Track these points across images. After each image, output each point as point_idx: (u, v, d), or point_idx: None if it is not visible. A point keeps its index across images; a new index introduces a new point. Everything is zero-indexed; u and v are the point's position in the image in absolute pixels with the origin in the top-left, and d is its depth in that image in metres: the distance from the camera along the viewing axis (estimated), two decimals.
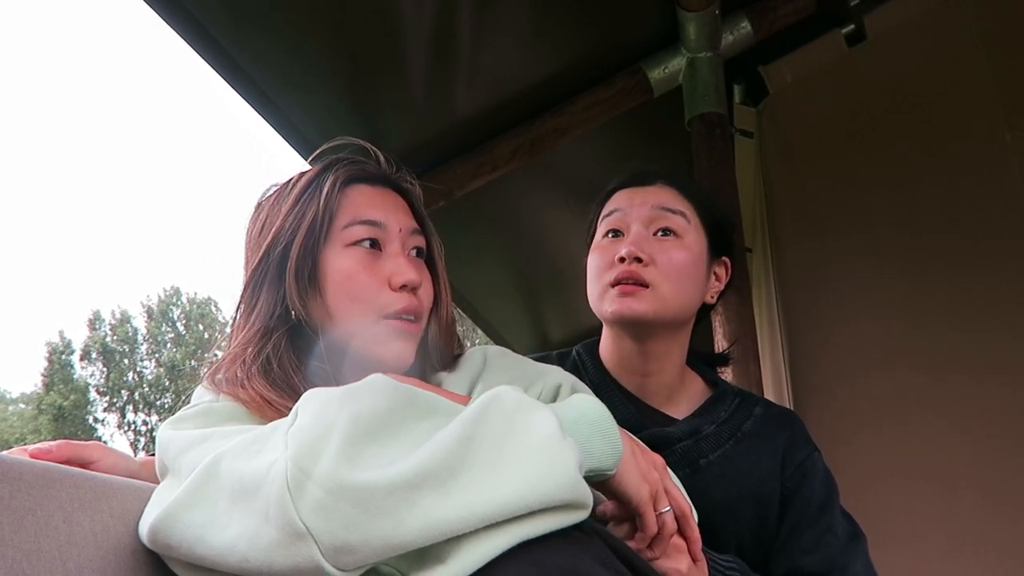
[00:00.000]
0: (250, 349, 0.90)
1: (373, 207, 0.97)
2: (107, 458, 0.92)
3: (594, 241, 1.24)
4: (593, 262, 1.21)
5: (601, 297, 1.17)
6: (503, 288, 3.24)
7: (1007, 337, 1.82)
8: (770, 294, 2.20)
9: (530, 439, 0.67)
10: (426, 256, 1.02)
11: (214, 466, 0.69)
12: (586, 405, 0.78)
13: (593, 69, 2.20)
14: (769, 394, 2.05)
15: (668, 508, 0.80)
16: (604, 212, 1.23)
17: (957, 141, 2.01)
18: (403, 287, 0.93)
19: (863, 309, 2.01)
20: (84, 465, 0.90)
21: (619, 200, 1.22)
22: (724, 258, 1.25)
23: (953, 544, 1.74)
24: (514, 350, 1.12)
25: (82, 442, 0.93)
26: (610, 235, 1.20)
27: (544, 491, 0.64)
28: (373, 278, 0.93)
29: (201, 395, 0.89)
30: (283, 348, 0.91)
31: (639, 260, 1.13)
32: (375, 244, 0.95)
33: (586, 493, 0.67)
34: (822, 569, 1.06)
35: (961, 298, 1.89)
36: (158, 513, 0.71)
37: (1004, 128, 1.96)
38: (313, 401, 0.69)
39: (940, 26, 2.10)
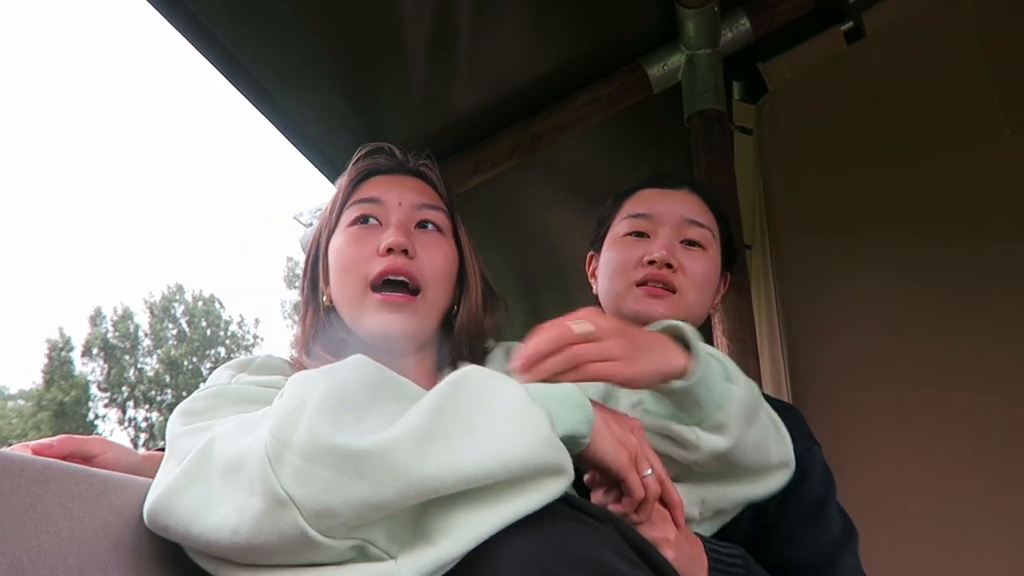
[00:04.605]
0: (299, 333, 1.03)
1: (375, 188, 1.04)
2: (109, 452, 0.93)
3: (612, 236, 1.25)
4: (614, 258, 1.22)
5: (623, 294, 1.19)
6: (502, 285, 3.22)
7: (1006, 333, 1.83)
8: (769, 290, 2.20)
9: (500, 406, 0.68)
10: (452, 235, 1.07)
11: (207, 449, 0.72)
12: (554, 384, 0.78)
13: (592, 66, 2.19)
14: (768, 390, 2.06)
15: (650, 471, 0.79)
16: (628, 211, 1.25)
17: (956, 138, 2.02)
18: (388, 251, 0.97)
19: (862, 305, 2.01)
20: (86, 459, 0.91)
21: (646, 201, 1.24)
22: (727, 273, 1.29)
23: (953, 540, 1.74)
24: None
25: (84, 436, 0.94)
26: (634, 235, 1.22)
27: (520, 449, 0.65)
28: (362, 248, 0.99)
29: (217, 377, 0.91)
30: (321, 330, 1.01)
31: (669, 266, 1.16)
32: (367, 220, 1.01)
33: (563, 452, 0.68)
34: (813, 562, 1.07)
35: (959, 293, 1.90)
36: (155, 496, 0.73)
37: (1003, 125, 1.96)
38: (294, 380, 0.71)
39: (939, 23, 2.10)
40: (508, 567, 0.63)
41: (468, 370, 0.72)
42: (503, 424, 0.66)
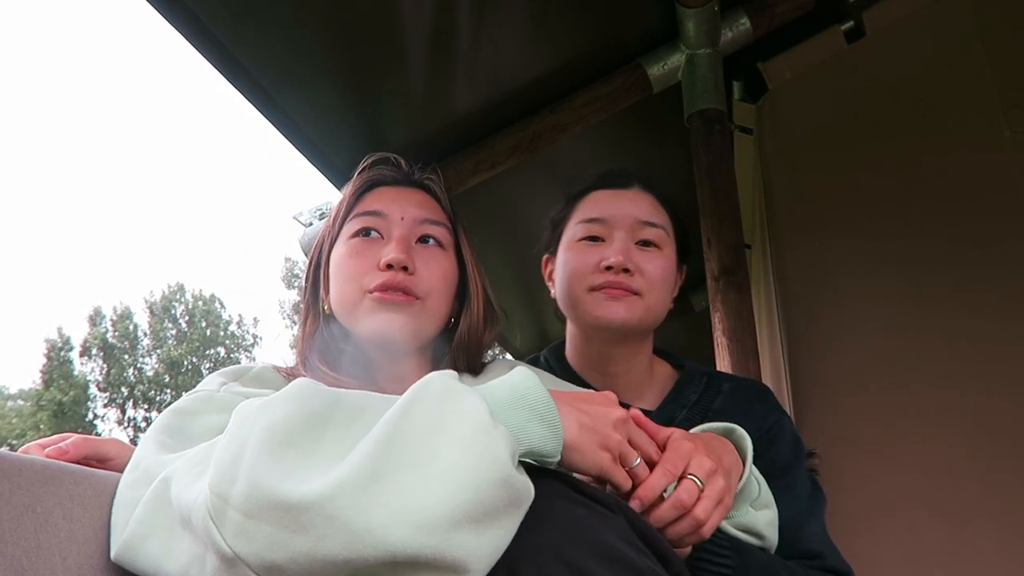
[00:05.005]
0: (298, 338, 1.04)
1: (378, 201, 1.04)
2: (125, 454, 0.91)
3: (566, 240, 1.26)
4: (570, 263, 1.22)
5: (581, 300, 1.19)
6: (502, 285, 3.24)
7: (1007, 333, 1.82)
8: (769, 290, 2.20)
9: (456, 432, 0.63)
10: (455, 249, 1.08)
11: (164, 490, 0.71)
12: (523, 386, 0.73)
13: (592, 65, 2.19)
14: None
15: (638, 461, 0.77)
16: (581, 215, 1.25)
17: (956, 137, 2.01)
18: (388, 267, 0.98)
19: (862, 304, 2.01)
20: (101, 462, 0.90)
21: (599, 204, 1.24)
22: (683, 266, 1.29)
23: (954, 540, 1.74)
24: (514, 347, 1.15)
25: (99, 439, 0.92)
26: (589, 239, 1.22)
27: (474, 488, 0.60)
28: (363, 261, 1.00)
29: (208, 383, 0.92)
30: (320, 339, 1.02)
31: (627, 271, 1.16)
32: (369, 232, 1.02)
33: (521, 484, 0.64)
34: (780, 525, 1.08)
35: (960, 293, 1.90)
36: (119, 544, 0.73)
37: (1003, 124, 1.96)
38: (235, 416, 0.68)
39: (939, 22, 2.10)
40: (522, 550, 0.63)
41: (428, 383, 0.68)
42: (455, 458, 0.61)
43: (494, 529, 0.62)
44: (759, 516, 0.95)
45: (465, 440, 0.62)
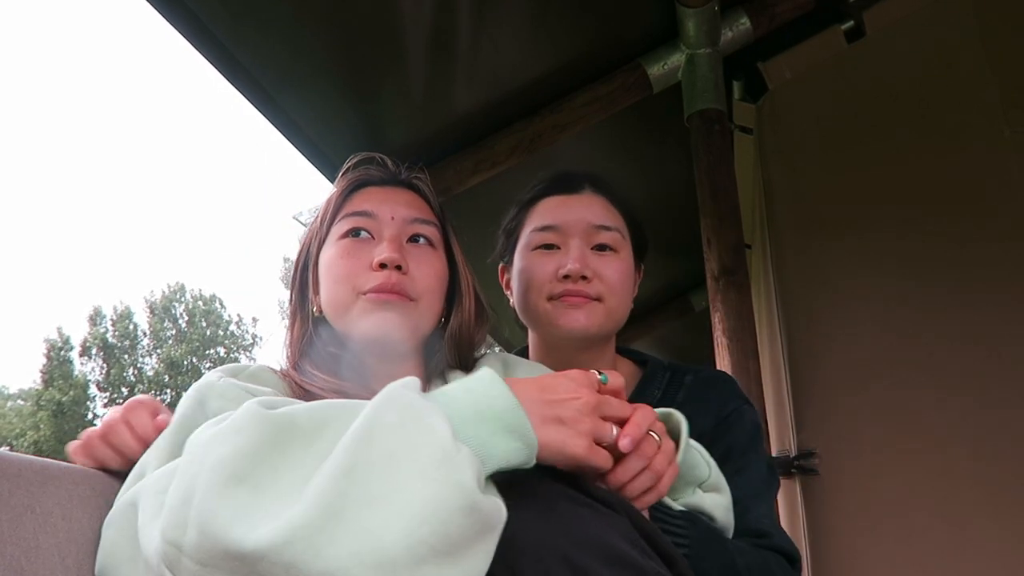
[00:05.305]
0: (288, 342, 1.03)
1: (367, 201, 1.04)
2: None
3: (521, 249, 1.24)
4: (526, 273, 1.21)
5: (541, 310, 1.19)
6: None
7: (1006, 333, 1.83)
8: (769, 290, 2.20)
9: (416, 460, 0.59)
10: (444, 248, 1.07)
11: (132, 518, 0.70)
12: (488, 396, 0.68)
13: (592, 65, 2.19)
14: (768, 390, 2.06)
15: (615, 431, 0.74)
16: (534, 223, 1.23)
17: (956, 138, 2.02)
18: (382, 266, 0.97)
19: (862, 304, 2.01)
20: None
21: (551, 212, 1.23)
22: (641, 264, 1.29)
23: (954, 540, 1.74)
24: (511, 346, 1.14)
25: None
26: (544, 247, 1.21)
27: (437, 521, 0.57)
28: (355, 262, 0.99)
29: (208, 376, 0.91)
30: (309, 343, 1.01)
31: (584, 277, 1.16)
32: (360, 233, 1.02)
33: (490, 508, 0.61)
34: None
35: (960, 293, 1.90)
36: (97, 568, 0.73)
37: (1003, 124, 1.96)
38: (187, 449, 0.67)
39: (939, 22, 2.10)
40: (525, 551, 0.63)
41: (388, 400, 0.64)
42: (418, 487, 0.58)
43: (466, 560, 0.59)
44: (707, 498, 0.96)
45: (426, 469, 0.59)
